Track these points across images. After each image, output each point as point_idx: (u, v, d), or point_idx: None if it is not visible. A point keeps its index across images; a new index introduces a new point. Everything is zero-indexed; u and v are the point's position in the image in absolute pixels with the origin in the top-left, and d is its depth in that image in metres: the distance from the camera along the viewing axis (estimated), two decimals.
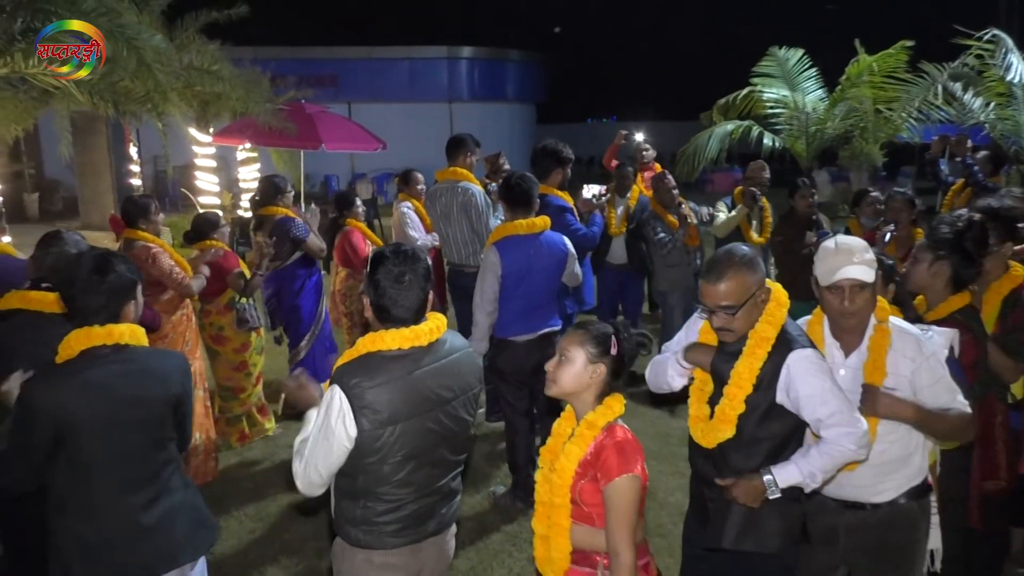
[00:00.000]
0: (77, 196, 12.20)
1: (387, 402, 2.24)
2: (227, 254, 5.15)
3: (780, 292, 2.49)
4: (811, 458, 2.36)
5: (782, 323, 2.45)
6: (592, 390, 2.31)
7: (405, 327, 2.32)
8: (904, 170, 18.85)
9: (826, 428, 2.35)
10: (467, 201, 5.27)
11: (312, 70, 21.42)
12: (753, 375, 2.42)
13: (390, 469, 2.29)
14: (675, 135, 16.45)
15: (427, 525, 2.42)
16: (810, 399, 2.36)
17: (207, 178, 11.38)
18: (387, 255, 2.34)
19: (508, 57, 26.76)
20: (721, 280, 2.40)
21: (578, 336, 2.32)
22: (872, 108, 11.02)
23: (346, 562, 2.42)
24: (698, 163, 11.28)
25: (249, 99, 9.41)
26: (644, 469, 2.26)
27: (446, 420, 2.38)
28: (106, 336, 2.39)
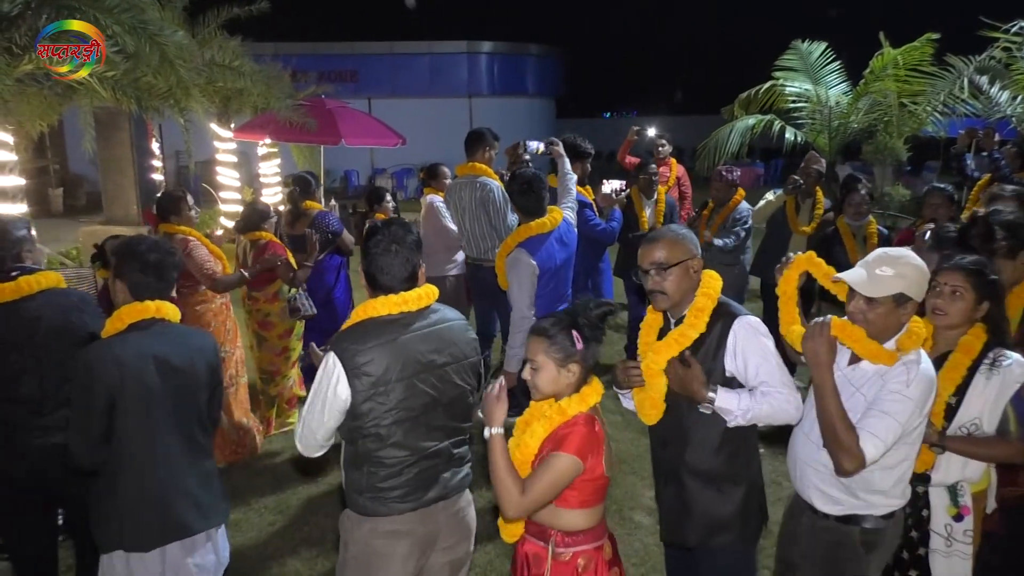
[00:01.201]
0: (100, 191, 12.31)
1: (378, 364, 2.36)
2: (275, 245, 5.25)
3: (712, 276, 2.63)
4: (755, 397, 2.47)
5: (717, 296, 2.59)
6: (571, 388, 2.34)
7: (395, 294, 2.45)
8: (929, 164, 18.59)
9: (769, 388, 2.48)
10: (485, 196, 5.27)
11: (333, 65, 21.54)
12: (686, 339, 2.55)
13: (385, 431, 2.40)
14: (696, 129, 16.32)
15: (431, 490, 2.50)
16: (761, 361, 2.49)
17: (228, 173, 11.46)
18: (379, 227, 2.51)
19: (528, 51, 26.68)
20: (654, 242, 2.61)
21: (540, 344, 2.31)
22: (896, 102, 10.87)
23: (353, 532, 2.51)
24: (719, 157, 11.19)
25: (270, 95, 9.45)
26: (601, 467, 2.30)
27: (440, 384, 2.48)
28: (155, 311, 2.66)
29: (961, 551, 2.64)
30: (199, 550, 2.68)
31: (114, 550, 2.58)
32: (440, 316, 2.56)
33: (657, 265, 2.56)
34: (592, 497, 2.34)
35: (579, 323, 2.31)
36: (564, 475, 2.23)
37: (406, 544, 2.49)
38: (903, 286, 2.32)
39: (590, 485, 2.31)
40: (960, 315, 2.59)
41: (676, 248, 2.57)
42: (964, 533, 2.64)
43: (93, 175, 15.02)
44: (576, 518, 2.34)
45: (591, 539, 2.36)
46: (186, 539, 2.63)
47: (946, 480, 2.64)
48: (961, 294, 2.58)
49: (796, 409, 2.50)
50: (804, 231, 5.97)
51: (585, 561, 2.34)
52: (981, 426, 2.57)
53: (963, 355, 2.60)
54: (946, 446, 2.56)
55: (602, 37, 41.16)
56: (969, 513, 2.64)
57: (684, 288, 2.58)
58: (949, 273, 2.62)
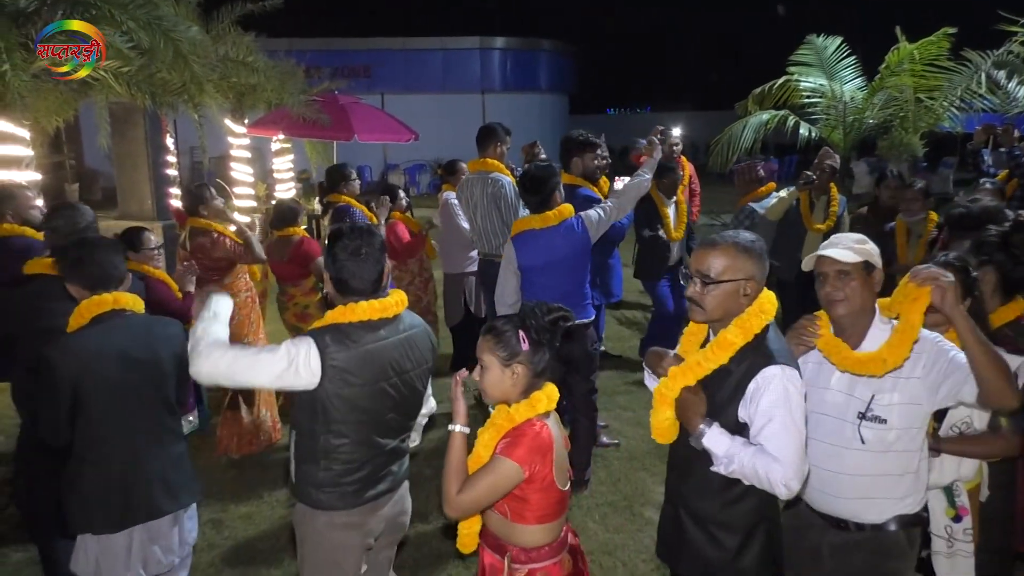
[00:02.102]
0: (115, 186, 12.39)
1: (353, 366, 2.42)
2: (309, 240, 5.41)
3: (768, 303, 2.28)
4: (746, 450, 2.19)
5: (755, 332, 2.24)
6: (518, 388, 2.27)
7: (364, 299, 2.49)
8: (945, 160, 18.43)
9: (766, 451, 2.17)
10: (496, 192, 5.27)
11: (346, 61, 21.61)
12: (702, 370, 2.28)
13: (349, 429, 2.47)
14: (709, 125, 16.26)
15: (381, 484, 2.60)
16: (768, 420, 2.17)
17: (242, 169, 11.49)
18: (344, 231, 2.51)
19: (540, 47, 26.66)
20: (713, 248, 2.29)
21: (487, 343, 2.28)
22: (913, 97, 10.75)
23: (308, 526, 2.58)
24: (732, 153, 11.12)
25: (284, 90, 9.48)
26: (550, 476, 2.22)
27: (403, 388, 2.57)
28: (113, 303, 2.75)
29: (963, 550, 2.63)
30: (164, 532, 2.81)
31: (84, 532, 2.72)
32: (408, 323, 2.62)
33: (704, 276, 2.27)
34: (550, 512, 2.27)
35: (528, 324, 2.26)
36: (503, 479, 2.17)
37: (359, 535, 2.59)
38: (866, 253, 2.34)
39: (545, 498, 2.23)
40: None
41: (735, 263, 2.25)
42: (964, 532, 2.63)
43: (108, 170, 15.13)
44: (534, 534, 2.28)
45: (549, 555, 2.29)
46: (151, 522, 2.76)
47: (941, 482, 2.63)
48: None
49: (790, 487, 2.14)
50: (819, 228, 5.88)
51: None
52: (972, 423, 2.56)
53: None
54: (942, 448, 2.54)
55: (615, 33, 41.01)
56: (967, 514, 2.63)
57: (727, 309, 2.27)
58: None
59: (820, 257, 2.38)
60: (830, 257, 2.34)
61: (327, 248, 2.54)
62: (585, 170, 4.98)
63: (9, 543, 4.13)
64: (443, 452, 5.09)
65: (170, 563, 2.85)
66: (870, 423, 2.33)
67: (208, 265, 5.09)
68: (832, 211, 5.96)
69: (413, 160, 21.05)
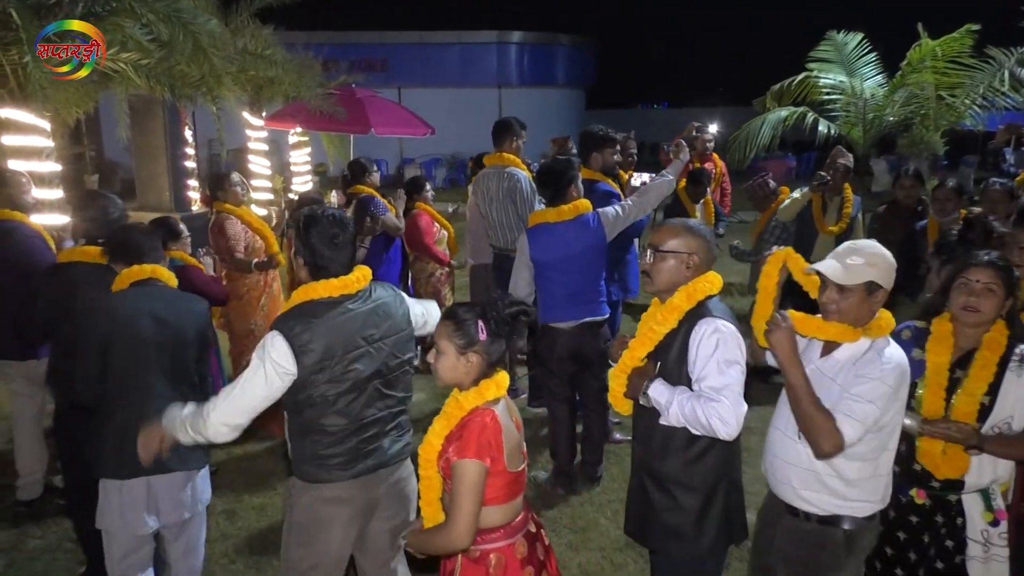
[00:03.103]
0: (134, 178, 12.49)
1: (321, 341, 2.51)
2: None
3: (715, 277, 2.56)
4: (686, 395, 2.40)
5: (699, 299, 2.50)
6: (470, 377, 2.30)
7: (336, 278, 2.61)
8: (966, 159, 18.19)
9: (705, 391, 2.37)
10: (512, 186, 5.26)
11: (363, 54, 21.63)
12: (655, 335, 2.53)
13: (328, 401, 2.56)
14: (727, 121, 16.15)
15: (371, 458, 2.68)
16: (707, 361, 2.40)
17: (259, 161, 11.56)
18: (319, 219, 2.62)
19: (558, 41, 26.56)
20: (662, 226, 2.66)
21: (445, 328, 2.30)
22: (934, 94, 10.61)
23: (298, 499, 2.68)
24: (750, 150, 11.04)
25: (301, 83, 9.52)
26: (502, 463, 2.22)
27: (377, 357, 2.65)
28: (151, 272, 3.09)
29: (999, 555, 2.60)
30: (179, 485, 3.04)
31: (108, 477, 2.95)
32: (377, 294, 2.74)
33: (655, 248, 2.59)
34: (501, 494, 2.27)
35: (488, 315, 2.28)
36: (475, 479, 2.18)
37: (347, 511, 2.67)
38: (874, 275, 2.34)
39: (496, 481, 2.24)
40: (993, 311, 2.57)
41: (678, 238, 2.58)
42: (1000, 536, 2.60)
43: (128, 162, 15.25)
44: (487, 515, 2.27)
45: (503, 536, 2.31)
46: (166, 476, 2.97)
47: (980, 482, 2.59)
48: (994, 290, 2.56)
49: (726, 421, 2.31)
50: (831, 231, 5.78)
51: (496, 559, 2.28)
52: (1012, 425, 2.53)
53: (991, 352, 2.57)
54: (983, 447, 2.50)
55: (633, 28, 40.82)
56: (1005, 517, 2.60)
57: (672, 279, 2.57)
58: (980, 270, 2.58)
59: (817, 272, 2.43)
60: (822, 274, 2.40)
61: (300, 235, 2.65)
62: (604, 165, 4.95)
63: (26, 528, 4.19)
64: None
65: (181, 516, 3.09)
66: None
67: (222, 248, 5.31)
68: (845, 213, 5.84)
69: (429, 154, 21.07)
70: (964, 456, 2.55)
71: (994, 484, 2.61)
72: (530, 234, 4.24)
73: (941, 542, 2.65)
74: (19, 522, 4.27)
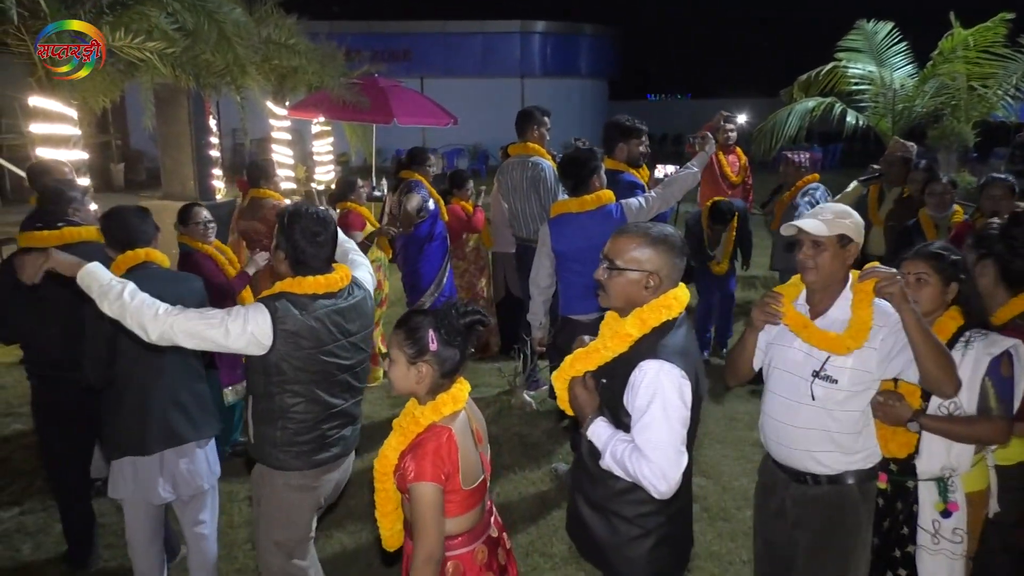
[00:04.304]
0: (160, 167, 12.60)
1: (301, 331, 2.61)
2: (353, 213, 5.64)
3: (675, 300, 2.23)
4: (621, 445, 2.16)
5: (653, 326, 2.19)
6: (423, 387, 2.24)
7: (319, 274, 2.71)
8: (997, 151, 17.86)
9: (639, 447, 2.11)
10: (536, 176, 5.23)
11: (386, 44, 21.64)
12: (600, 357, 2.26)
13: (302, 389, 2.66)
14: (753, 112, 15.97)
15: (335, 447, 2.80)
16: (640, 414, 2.12)
17: (282, 151, 11.62)
18: (303, 215, 2.71)
19: (581, 32, 26.40)
20: (622, 235, 2.29)
21: (396, 337, 2.24)
22: (966, 85, 10.44)
23: (266, 487, 2.79)
24: (776, 141, 10.93)
25: (324, 73, 9.55)
26: (457, 482, 2.18)
27: (350, 351, 2.76)
28: (145, 256, 3.18)
29: (948, 550, 2.57)
30: (190, 456, 3.19)
31: (122, 456, 3.09)
32: (355, 293, 2.82)
33: (609, 261, 2.27)
34: (459, 507, 2.25)
35: (440, 324, 2.22)
36: (433, 501, 2.14)
37: (313, 497, 2.82)
38: (845, 228, 2.42)
39: (453, 497, 2.21)
40: (930, 301, 2.63)
41: (640, 253, 2.22)
42: (953, 531, 2.57)
43: (153, 151, 15.38)
44: (446, 525, 2.24)
45: (463, 543, 2.28)
46: (179, 448, 3.13)
47: (930, 467, 2.58)
48: (926, 280, 2.63)
49: (654, 484, 2.08)
50: (883, 222, 5.65)
51: (454, 566, 2.26)
52: (961, 405, 2.53)
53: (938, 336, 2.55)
54: (923, 424, 2.52)
55: (657, 17, 40.44)
56: (957, 509, 2.57)
57: (628, 299, 2.25)
58: (911, 262, 2.69)
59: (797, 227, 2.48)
60: (802, 229, 2.44)
61: (283, 227, 2.71)
62: (630, 156, 4.89)
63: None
64: None
65: (198, 487, 3.24)
66: (822, 381, 2.43)
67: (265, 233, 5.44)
68: None
69: (452, 144, 21.05)
70: (908, 435, 2.58)
71: (953, 475, 2.58)
72: (552, 224, 4.20)
73: (898, 529, 2.68)
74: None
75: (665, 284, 2.24)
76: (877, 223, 5.67)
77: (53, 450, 3.77)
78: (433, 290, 6.05)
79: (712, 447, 4.96)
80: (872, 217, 5.69)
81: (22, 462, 4.79)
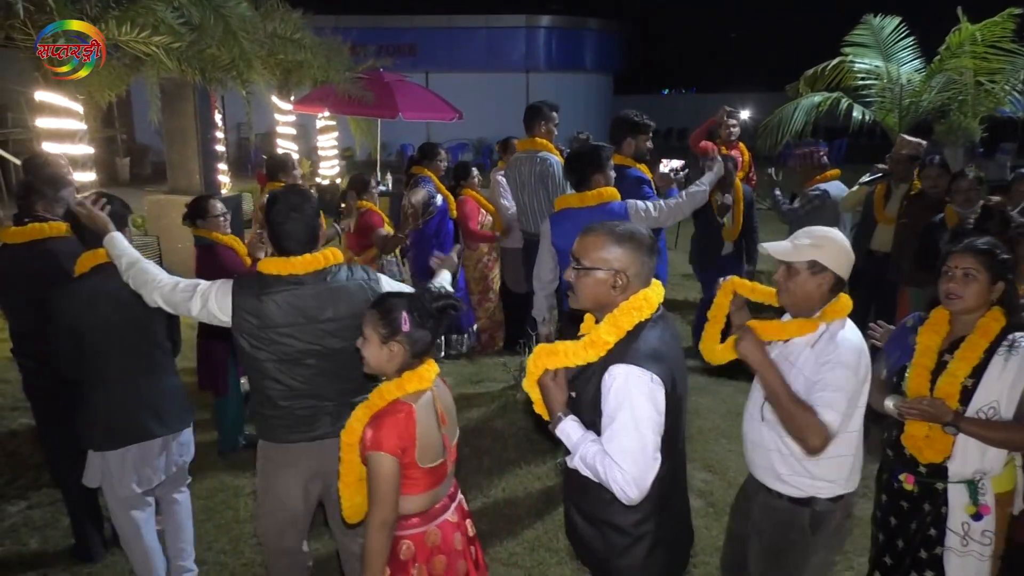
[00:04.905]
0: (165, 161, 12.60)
1: (252, 310, 2.68)
2: (372, 213, 5.73)
3: (646, 300, 2.17)
4: (593, 447, 2.12)
5: (627, 330, 2.13)
6: (393, 365, 2.33)
7: (296, 256, 2.73)
8: (1003, 146, 17.79)
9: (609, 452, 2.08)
10: (544, 171, 5.22)
11: (391, 39, 21.61)
12: (574, 358, 2.18)
13: (259, 366, 2.73)
14: (758, 107, 15.92)
15: (315, 429, 2.80)
16: (611, 419, 2.08)
17: (287, 146, 11.62)
18: (280, 197, 2.78)
19: (586, 26, 26.30)
20: (587, 234, 2.22)
21: (370, 317, 2.33)
22: (973, 80, 10.39)
23: (259, 457, 2.92)
24: (782, 136, 10.89)
25: (329, 68, 9.53)
26: (411, 457, 2.25)
27: (326, 336, 2.75)
28: (104, 256, 3.07)
29: (977, 552, 2.56)
30: (154, 453, 3.25)
31: (89, 448, 3.21)
32: (338, 276, 2.81)
33: (576, 261, 2.22)
34: (415, 484, 2.32)
35: (413, 307, 2.32)
36: (387, 472, 2.23)
37: (294, 473, 2.83)
38: (817, 254, 2.39)
39: (410, 472, 2.29)
40: (975, 297, 2.58)
41: (606, 252, 2.17)
42: (982, 534, 2.56)
43: (158, 145, 15.40)
44: (402, 503, 2.32)
45: (417, 524, 2.36)
46: (144, 443, 3.19)
47: (964, 470, 2.57)
48: (974, 276, 2.57)
49: (623, 490, 2.05)
50: (891, 220, 5.57)
51: (407, 546, 2.34)
52: (999, 411, 2.50)
53: (980, 337, 2.57)
54: (960, 427, 2.49)
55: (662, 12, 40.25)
56: (989, 512, 2.55)
57: (597, 299, 2.20)
58: (960, 256, 2.62)
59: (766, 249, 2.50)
60: (769, 252, 2.47)
61: (267, 212, 2.79)
62: (637, 151, 4.87)
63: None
64: (480, 432, 5.09)
65: (159, 479, 3.30)
66: (767, 403, 2.44)
67: None
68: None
69: (456, 139, 21.02)
70: (945, 439, 2.55)
71: (984, 478, 2.56)
72: (553, 220, 4.19)
73: (925, 531, 2.65)
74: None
75: (634, 283, 2.18)
76: (884, 221, 5.62)
77: (52, 440, 3.83)
78: None
79: (718, 442, 4.96)
80: (878, 214, 5.66)
81: (29, 456, 4.81)
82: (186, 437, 3.42)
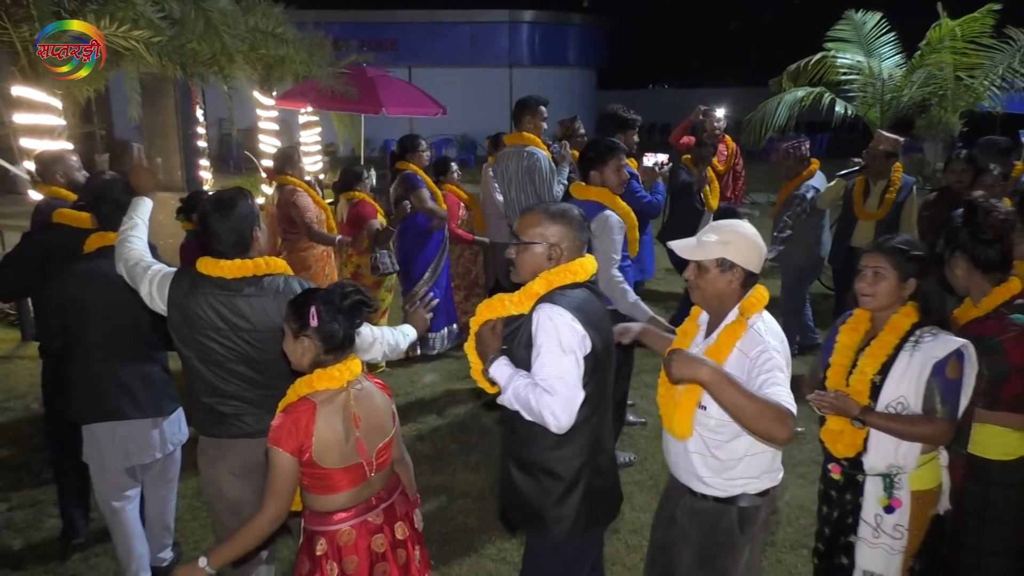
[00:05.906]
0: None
1: (188, 310, 2.71)
2: (366, 203, 5.83)
3: (580, 268, 2.44)
4: (523, 381, 2.32)
5: (556, 285, 2.39)
6: (306, 360, 2.36)
7: (226, 259, 2.75)
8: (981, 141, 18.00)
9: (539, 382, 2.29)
10: (531, 165, 5.21)
11: (374, 34, 21.49)
12: (505, 310, 2.42)
13: (193, 365, 2.77)
14: (742, 102, 15.97)
15: (234, 426, 2.81)
16: (537, 352, 2.31)
17: (270, 141, 11.51)
18: (213, 196, 2.83)
19: (570, 21, 26.31)
20: (526, 213, 2.52)
21: (286, 312, 2.38)
22: (952, 75, 10.50)
23: (198, 446, 2.94)
24: (765, 131, 10.97)
25: (312, 63, 9.45)
26: (308, 451, 2.27)
27: (242, 344, 2.74)
28: (113, 240, 3.13)
29: (887, 544, 2.61)
30: (143, 432, 3.32)
31: (71, 418, 3.33)
32: (265, 287, 2.77)
33: (516, 237, 2.51)
34: (323, 484, 2.34)
35: (322, 302, 2.33)
36: (284, 469, 2.26)
37: (226, 467, 2.84)
38: (724, 251, 2.39)
39: (311, 471, 2.30)
40: (885, 296, 2.61)
41: (542, 228, 2.45)
42: (894, 527, 2.60)
43: (138, 141, 15.22)
44: (317, 501, 2.38)
45: (331, 523, 2.37)
46: (130, 422, 3.27)
47: (877, 465, 2.61)
48: (883, 274, 2.61)
49: (556, 416, 2.26)
50: (869, 216, 5.60)
51: (321, 543, 2.37)
52: (908, 406, 2.54)
53: (888, 333, 2.61)
54: (866, 420, 2.53)
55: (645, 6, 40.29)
56: (900, 506, 2.59)
57: (535, 269, 2.45)
58: (870, 255, 2.66)
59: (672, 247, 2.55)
60: (673, 249, 2.51)
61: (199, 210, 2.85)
62: (627, 147, 4.91)
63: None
64: (467, 427, 5.07)
65: (151, 457, 3.38)
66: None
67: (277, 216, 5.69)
68: (887, 198, 5.60)
69: (440, 134, 20.95)
70: (856, 434, 2.59)
71: (900, 473, 2.59)
72: None
73: (845, 519, 2.71)
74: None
75: (567, 255, 2.45)
76: (863, 217, 5.67)
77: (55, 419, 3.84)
78: (428, 279, 6.07)
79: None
80: (858, 211, 5.69)
81: (10, 458, 4.75)
82: (175, 418, 3.48)
